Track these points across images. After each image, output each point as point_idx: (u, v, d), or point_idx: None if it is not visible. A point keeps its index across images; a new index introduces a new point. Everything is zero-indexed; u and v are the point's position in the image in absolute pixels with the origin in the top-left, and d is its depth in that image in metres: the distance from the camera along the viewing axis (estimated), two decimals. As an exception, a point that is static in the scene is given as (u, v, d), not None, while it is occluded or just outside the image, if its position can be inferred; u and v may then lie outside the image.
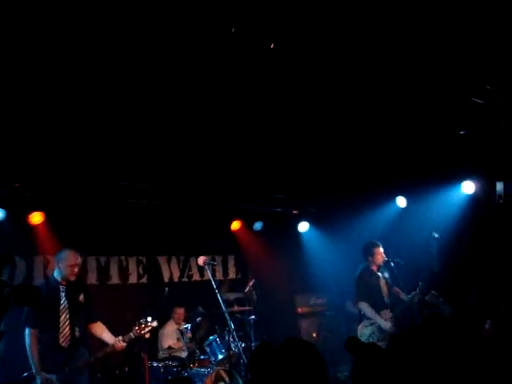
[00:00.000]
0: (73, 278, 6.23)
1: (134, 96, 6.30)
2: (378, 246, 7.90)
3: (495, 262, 8.36)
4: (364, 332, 7.63)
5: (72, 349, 6.03)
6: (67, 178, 7.94)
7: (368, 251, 7.87)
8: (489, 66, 6.04)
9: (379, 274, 7.87)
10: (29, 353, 5.81)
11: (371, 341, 7.48)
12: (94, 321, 6.40)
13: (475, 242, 8.82)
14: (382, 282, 7.83)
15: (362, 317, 7.78)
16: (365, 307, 7.63)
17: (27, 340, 5.83)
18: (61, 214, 8.11)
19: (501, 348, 3.59)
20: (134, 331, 6.31)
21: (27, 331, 5.86)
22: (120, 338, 6.24)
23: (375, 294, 7.76)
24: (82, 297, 6.28)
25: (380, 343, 7.21)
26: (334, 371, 8.86)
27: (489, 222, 8.67)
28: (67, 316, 6.07)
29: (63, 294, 6.14)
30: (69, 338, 6.02)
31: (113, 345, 6.20)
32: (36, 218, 7.91)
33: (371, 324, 7.60)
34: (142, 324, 6.35)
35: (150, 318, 6.40)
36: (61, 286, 6.15)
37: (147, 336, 6.49)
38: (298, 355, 2.58)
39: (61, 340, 5.97)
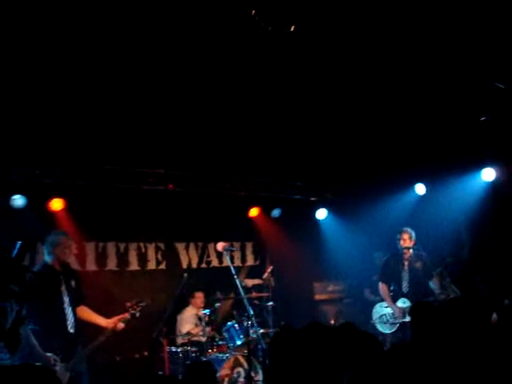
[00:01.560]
0: (68, 261, 6.18)
1: (151, 83, 6.30)
2: (401, 232, 7.91)
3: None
4: (378, 311, 7.94)
5: (77, 334, 5.98)
6: (87, 165, 8.01)
7: (399, 232, 7.94)
8: (510, 50, 5.95)
9: (406, 262, 7.86)
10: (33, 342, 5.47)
11: (384, 320, 7.63)
12: (80, 304, 6.24)
13: (495, 229, 8.75)
14: (406, 271, 7.83)
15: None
16: (381, 290, 7.91)
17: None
18: (81, 201, 8.16)
19: (505, 341, 3.56)
20: (129, 312, 6.30)
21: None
22: (116, 318, 6.20)
23: (394, 280, 7.87)
24: (73, 282, 6.16)
25: (388, 326, 7.48)
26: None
27: (509, 210, 8.58)
28: (69, 301, 5.98)
29: (62, 279, 6.03)
30: (74, 323, 5.94)
31: (112, 327, 6.15)
32: (56, 204, 7.96)
33: (388, 306, 7.76)
34: (134, 305, 6.37)
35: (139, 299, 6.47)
36: (57, 271, 6.02)
37: (138, 315, 6.41)
38: (320, 340, 2.56)
39: (69, 327, 5.88)
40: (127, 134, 7.36)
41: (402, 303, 7.69)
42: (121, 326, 6.23)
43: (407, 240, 7.84)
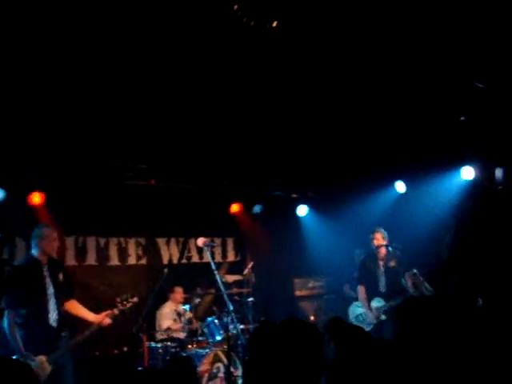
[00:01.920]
0: (54, 255, 6.21)
1: (134, 78, 6.27)
2: (373, 232, 8.00)
3: (494, 248, 8.40)
4: (354, 310, 8.05)
5: (60, 328, 5.97)
6: (67, 159, 7.94)
7: (371, 232, 8.03)
8: (489, 50, 6.02)
9: (381, 262, 7.94)
10: (11, 335, 5.60)
11: (360, 320, 7.73)
12: (70, 298, 6.27)
13: (474, 228, 8.86)
14: (381, 270, 7.90)
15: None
16: (360, 292, 8.01)
17: (8, 321, 5.62)
18: (61, 195, 8.11)
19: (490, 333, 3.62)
20: (118, 308, 6.32)
21: (8, 312, 5.65)
22: (104, 314, 6.24)
23: (371, 281, 7.95)
24: (61, 275, 6.17)
25: (365, 326, 7.39)
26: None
27: (488, 208, 8.69)
28: (53, 294, 5.96)
29: (46, 273, 6.02)
30: (57, 317, 5.94)
31: (99, 322, 6.16)
32: (36, 198, 7.91)
33: (363, 306, 7.87)
34: (123, 300, 6.39)
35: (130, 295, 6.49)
36: (42, 264, 6.03)
37: (128, 312, 6.48)
38: (298, 335, 2.59)
39: (51, 320, 5.88)
40: (109, 128, 7.31)
41: (377, 303, 7.79)
42: (108, 321, 6.25)
43: (380, 239, 7.93)
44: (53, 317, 5.90)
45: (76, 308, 6.29)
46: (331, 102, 7.41)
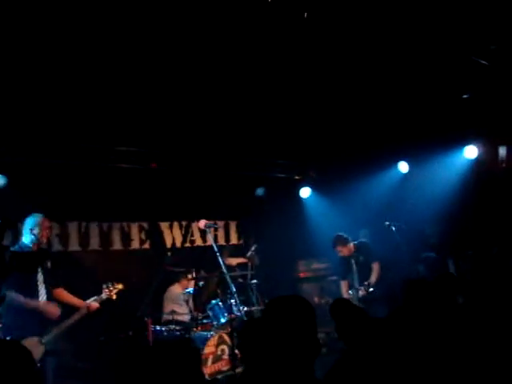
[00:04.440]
0: (45, 242, 6.30)
1: (134, 60, 6.20)
2: (335, 247, 8.28)
3: (497, 227, 8.38)
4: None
5: None
6: (67, 144, 7.91)
7: (333, 245, 8.33)
8: (493, 27, 5.94)
9: (352, 260, 8.18)
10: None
11: None
12: (58, 286, 6.35)
13: (478, 206, 8.83)
14: (354, 268, 8.16)
15: None
16: (342, 286, 8.49)
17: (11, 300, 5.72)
18: (63, 181, 8.10)
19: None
20: (104, 293, 6.48)
21: (14, 294, 5.75)
22: (92, 299, 6.35)
23: (349, 276, 8.29)
24: (49, 263, 6.25)
25: None
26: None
27: (491, 187, 8.66)
28: (43, 281, 6.05)
29: (38, 259, 6.09)
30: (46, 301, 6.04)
31: (88, 306, 6.28)
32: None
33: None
34: (109, 286, 6.56)
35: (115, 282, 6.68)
36: (34, 252, 6.09)
37: (114, 297, 6.60)
38: (282, 313, 2.57)
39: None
40: (110, 112, 7.28)
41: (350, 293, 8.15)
42: (95, 306, 6.35)
43: (343, 250, 8.25)
44: (42, 301, 5.99)
45: (64, 295, 6.38)
46: (334, 82, 7.35)
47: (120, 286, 6.63)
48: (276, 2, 5.09)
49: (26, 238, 6.09)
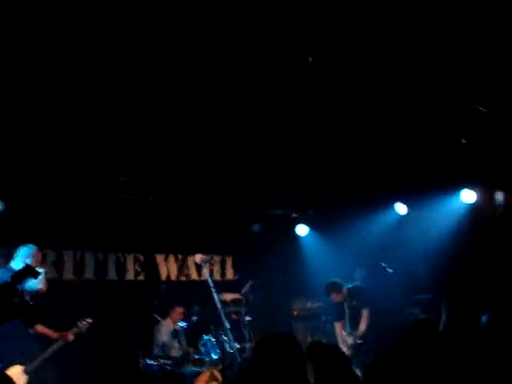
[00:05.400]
0: None
1: (133, 80, 6.17)
2: (329, 293, 8.26)
3: (494, 270, 8.37)
4: None
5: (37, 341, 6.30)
6: (69, 173, 7.94)
7: (327, 292, 8.33)
8: (491, 74, 6.06)
9: (345, 303, 8.25)
10: None
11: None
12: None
13: (473, 250, 8.84)
14: (346, 311, 8.26)
15: None
16: (336, 327, 8.43)
17: None
18: (60, 209, 8.12)
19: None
20: (78, 327, 6.76)
21: None
22: (67, 332, 6.63)
23: (343, 319, 8.34)
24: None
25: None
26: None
27: (488, 232, 8.69)
28: None
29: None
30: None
31: (65, 338, 6.55)
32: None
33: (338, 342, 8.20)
34: (83, 320, 6.84)
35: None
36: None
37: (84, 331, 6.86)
38: (273, 350, 2.58)
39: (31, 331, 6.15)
40: (110, 143, 7.33)
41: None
42: (71, 338, 6.65)
43: (337, 297, 8.24)
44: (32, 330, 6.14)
45: (42, 328, 6.53)
46: (333, 123, 7.44)
47: (90, 321, 6.92)
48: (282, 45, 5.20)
49: (17, 265, 6.12)
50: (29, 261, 6.11)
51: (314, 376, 3.50)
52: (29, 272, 5.17)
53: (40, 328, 6.49)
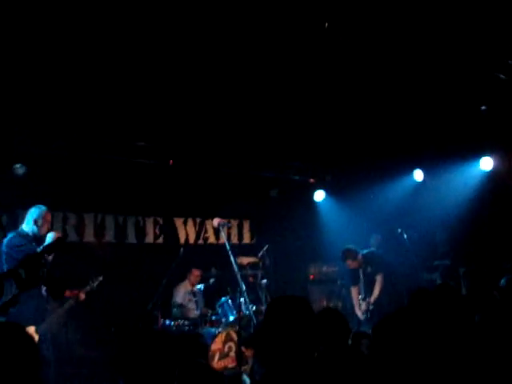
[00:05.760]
0: (43, 234, 6.26)
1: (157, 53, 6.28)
2: (345, 260, 8.29)
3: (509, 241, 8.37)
4: None
5: (47, 301, 6.28)
6: (90, 137, 8.05)
7: (343, 259, 8.36)
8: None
9: (360, 270, 8.30)
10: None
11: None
12: None
13: (491, 218, 8.83)
14: (361, 277, 8.32)
15: None
16: (353, 292, 8.48)
17: None
18: (80, 173, 8.25)
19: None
20: (89, 285, 6.97)
21: None
22: (78, 291, 6.79)
23: (359, 284, 8.40)
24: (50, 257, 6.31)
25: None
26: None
27: (506, 199, 8.66)
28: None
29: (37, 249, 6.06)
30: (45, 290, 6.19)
31: (76, 297, 6.70)
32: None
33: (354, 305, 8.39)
34: (94, 278, 7.07)
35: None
36: (34, 242, 6.11)
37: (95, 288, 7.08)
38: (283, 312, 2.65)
39: (43, 289, 6.10)
40: (131, 108, 7.40)
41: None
42: (82, 296, 6.83)
43: (353, 264, 8.28)
44: (43, 289, 6.10)
45: None
46: (353, 88, 7.42)
47: (100, 278, 7.11)
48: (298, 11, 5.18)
49: (28, 227, 6.16)
50: (39, 222, 6.12)
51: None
52: (60, 245, 5.28)
53: None
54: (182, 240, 9.84)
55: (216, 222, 6.71)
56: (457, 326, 3.53)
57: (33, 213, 6.22)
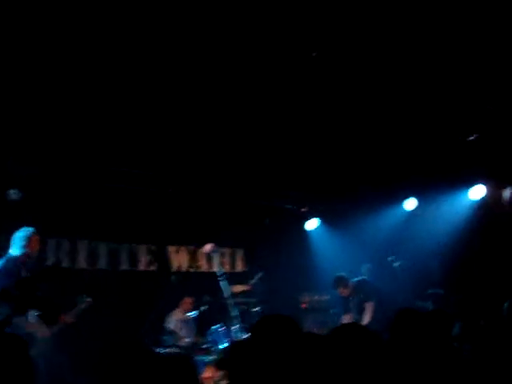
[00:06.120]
0: (33, 257, 6.31)
1: (145, 78, 6.29)
2: (337, 289, 8.44)
3: (501, 267, 8.41)
4: None
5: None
6: (86, 164, 8.11)
7: (334, 286, 8.52)
8: (499, 71, 6.11)
9: (350, 298, 8.44)
10: None
11: None
12: None
13: (481, 246, 8.89)
14: (352, 304, 8.43)
15: None
16: (344, 320, 8.40)
17: None
18: (75, 200, 8.29)
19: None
20: (78, 307, 6.87)
21: None
22: (69, 314, 6.74)
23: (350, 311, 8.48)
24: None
25: None
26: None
27: (495, 228, 8.73)
28: None
29: (24, 274, 6.06)
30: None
31: (64, 321, 6.62)
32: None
33: None
34: (82, 299, 6.96)
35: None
36: (22, 265, 6.09)
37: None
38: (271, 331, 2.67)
39: (29, 317, 5.99)
40: (127, 135, 7.47)
41: None
42: (70, 320, 6.77)
43: (344, 291, 8.46)
44: (31, 314, 6.00)
45: None
46: (344, 119, 7.52)
47: (89, 300, 6.99)
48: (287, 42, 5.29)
49: (17, 251, 6.12)
50: (25, 244, 6.09)
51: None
52: (53, 272, 5.26)
53: None
54: (175, 268, 9.83)
55: (207, 247, 6.73)
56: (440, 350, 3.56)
57: (19, 236, 6.18)
